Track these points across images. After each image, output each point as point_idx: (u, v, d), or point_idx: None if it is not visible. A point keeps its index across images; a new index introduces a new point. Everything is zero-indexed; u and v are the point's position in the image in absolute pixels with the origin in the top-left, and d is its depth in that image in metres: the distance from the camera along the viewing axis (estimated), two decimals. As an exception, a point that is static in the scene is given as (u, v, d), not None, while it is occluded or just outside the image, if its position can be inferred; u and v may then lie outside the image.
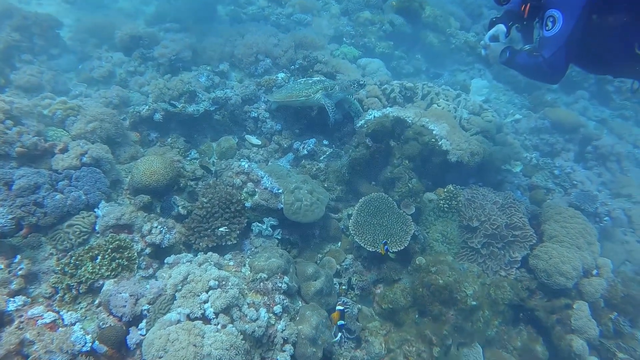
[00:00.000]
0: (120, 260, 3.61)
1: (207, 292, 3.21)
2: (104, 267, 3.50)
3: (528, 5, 3.44)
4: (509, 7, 3.90)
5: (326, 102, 5.14)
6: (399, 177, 4.98)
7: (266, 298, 3.48)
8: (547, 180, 6.82)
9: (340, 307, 3.91)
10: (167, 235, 3.99)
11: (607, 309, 4.83)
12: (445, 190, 5.09)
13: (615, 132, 9.04)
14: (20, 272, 3.36)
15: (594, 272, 4.74)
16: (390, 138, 5.23)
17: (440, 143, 5.03)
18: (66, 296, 3.37)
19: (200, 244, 4.21)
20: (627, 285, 4.98)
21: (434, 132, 5.14)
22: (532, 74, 3.56)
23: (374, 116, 5.36)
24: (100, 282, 3.44)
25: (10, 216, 3.52)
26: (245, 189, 4.62)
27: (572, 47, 3.17)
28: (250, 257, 4.15)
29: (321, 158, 5.39)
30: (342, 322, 3.76)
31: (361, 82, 5.39)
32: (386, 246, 4.29)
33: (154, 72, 6.13)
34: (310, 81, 5.46)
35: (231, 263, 3.95)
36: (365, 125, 5.27)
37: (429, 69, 8.26)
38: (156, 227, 3.91)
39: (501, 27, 3.90)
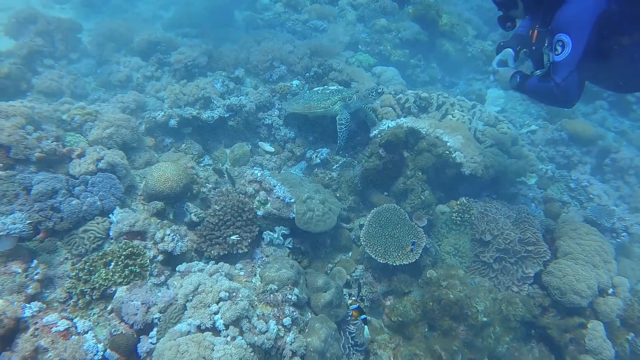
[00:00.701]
0: (132, 267, 3.65)
1: (217, 303, 3.23)
2: (117, 274, 3.55)
3: (536, 30, 3.39)
4: (518, 32, 3.85)
5: (341, 119, 5.15)
6: (412, 189, 4.95)
7: (276, 310, 3.49)
8: (562, 193, 6.72)
9: (355, 305, 4.08)
10: (180, 243, 4.03)
11: (623, 329, 4.72)
12: (458, 202, 5.04)
13: (634, 144, 8.86)
14: (36, 277, 3.43)
15: (610, 291, 4.64)
16: (403, 149, 5.20)
17: (454, 155, 4.98)
18: (80, 302, 3.43)
19: (212, 251, 4.24)
20: (644, 304, 4.88)
21: (448, 144, 5.10)
22: (545, 99, 3.50)
23: (388, 126, 5.34)
24: (113, 289, 3.49)
25: (28, 221, 3.59)
26: (257, 198, 4.64)
27: (585, 69, 3.12)
28: (261, 266, 4.17)
29: (334, 167, 5.39)
30: (364, 315, 3.95)
31: (379, 90, 5.38)
32: (412, 246, 4.42)
33: (170, 77, 6.20)
34: (328, 91, 5.45)
35: (242, 273, 3.97)
36: (379, 135, 5.25)
37: (444, 77, 8.20)
38: (169, 234, 3.95)
39: (509, 52, 3.86)
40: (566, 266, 4.57)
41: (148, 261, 3.82)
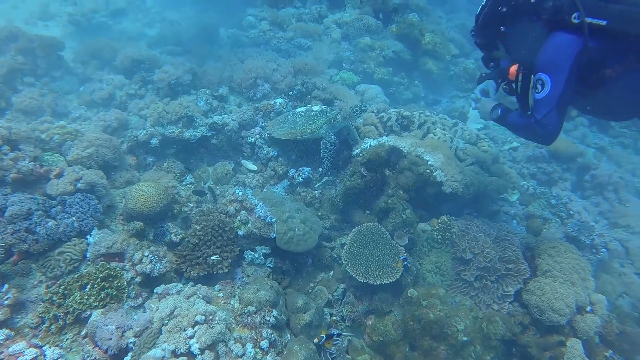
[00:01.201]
0: (109, 290, 3.60)
1: (193, 327, 3.19)
2: (92, 297, 3.50)
3: (516, 65, 3.45)
4: (501, 65, 3.92)
5: (326, 143, 5.22)
6: (393, 208, 4.98)
7: (253, 332, 3.45)
8: (544, 210, 6.81)
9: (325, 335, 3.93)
10: (158, 265, 3.99)
11: (602, 346, 4.75)
12: (439, 221, 5.08)
13: (614, 160, 9.05)
14: (6, 302, 3.36)
15: (588, 308, 4.68)
16: (385, 167, 5.25)
17: (434, 174, 5.04)
18: (52, 327, 3.36)
19: (192, 272, 4.20)
20: (623, 321, 4.92)
21: (429, 163, 5.16)
22: (524, 135, 3.58)
23: (370, 145, 5.39)
24: (88, 313, 3.43)
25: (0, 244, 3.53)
26: (238, 217, 4.63)
27: (565, 107, 3.19)
28: (241, 287, 4.14)
29: (316, 186, 5.40)
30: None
31: (363, 108, 5.47)
32: (405, 262, 4.46)
33: (154, 95, 6.21)
34: (312, 113, 5.46)
35: (220, 295, 3.94)
36: (360, 154, 5.30)
37: (427, 95, 8.33)
38: (147, 256, 3.91)
39: (491, 83, 3.94)
40: (545, 284, 4.61)
41: (125, 283, 3.77)
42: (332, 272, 4.96)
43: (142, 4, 8.06)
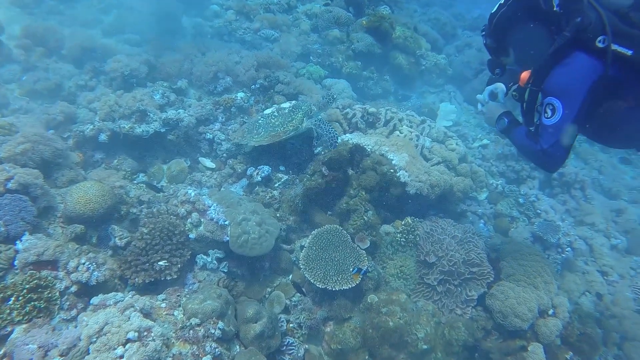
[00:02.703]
0: (37, 303, 3.28)
1: (124, 345, 2.91)
2: (16, 311, 3.17)
3: (528, 81, 3.13)
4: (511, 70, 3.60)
5: (316, 130, 5.07)
6: (355, 209, 4.78)
7: (195, 347, 3.19)
8: (512, 209, 6.75)
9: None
10: (96, 273, 3.67)
11: (564, 348, 4.70)
12: (403, 223, 4.91)
13: (581, 157, 9.11)
14: None
15: (550, 312, 4.61)
16: (348, 166, 5.04)
17: (398, 174, 4.85)
18: (-32, 346, 3.03)
19: (137, 279, 3.90)
20: (583, 322, 4.88)
21: (393, 162, 4.97)
22: (527, 157, 3.33)
23: (333, 142, 5.15)
24: (8, 329, 3.10)
25: None
26: (189, 219, 4.34)
27: (574, 137, 2.94)
28: (187, 295, 3.87)
29: (276, 185, 5.15)
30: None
31: (333, 95, 5.40)
32: (362, 271, 4.27)
33: (106, 87, 5.80)
34: (286, 111, 5.15)
35: (163, 305, 3.66)
36: (322, 152, 5.06)
37: (397, 90, 8.14)
38: (83, 263, 3.59)
39: (501, 86, 3.58)
40: (508, 288, 4.50)
41: (58, 294, 3.45)
42: (290, 276, 4.73)
43: (97, -12, 7.58)
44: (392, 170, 4.87)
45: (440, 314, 4.53)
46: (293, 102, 5.39)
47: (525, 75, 3.16)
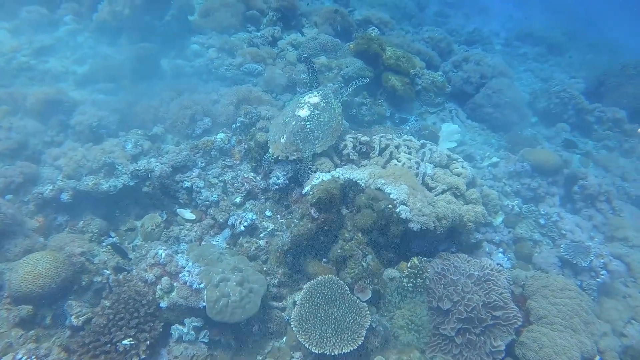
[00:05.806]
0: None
1: None
2: None
3: None
4: None
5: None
6: (352, 255, 4.14)
7: None
8: (532, 231, 6.05)
9: None
10: (40, 367, 3.09)
11: (617, 399, 3.93)
12: (408, 265, 4.25)
13: (601, 165, 8.40)
14: None
15: (597, 359, 3.85)
16: (341, 206, 4.45)
17: (398, 210, 4.23)
18: None
19: (97, 366, 3.31)
20: (637, 362, 4.12)
21: (391, 196, 4.35)
22: None
23: (322, 180, 4.57)
24: None
25: None
26: (159, 285, 3.76)
27: None
28: (156, 383, 3.25)
29: (261, 235, 4.56)
30: None
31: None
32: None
33: (74, 141, 5.36)
34: (322, 103, 5.26)
35: (121, 402, 3.03)
36: (311, 192, 4.47)
37: (394, 114, 7.59)
38: (20, 358, 3.00)
39: None
40: (541, 335, 3.78)
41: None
42: (284, 339, 4.08)
43: (72, 40, 7.28)
44: (390, 206, 4.25)
45: (463, 371, 3.82)
46: (315, 95, 5.38)
47: None
